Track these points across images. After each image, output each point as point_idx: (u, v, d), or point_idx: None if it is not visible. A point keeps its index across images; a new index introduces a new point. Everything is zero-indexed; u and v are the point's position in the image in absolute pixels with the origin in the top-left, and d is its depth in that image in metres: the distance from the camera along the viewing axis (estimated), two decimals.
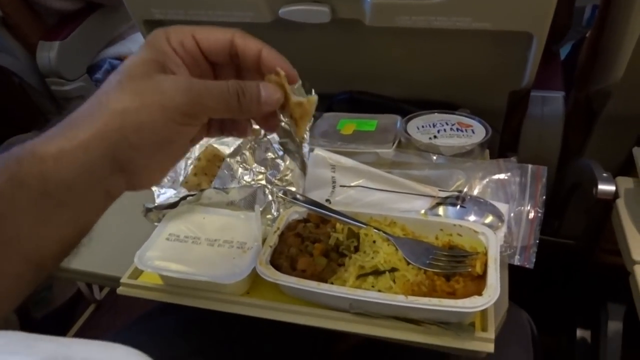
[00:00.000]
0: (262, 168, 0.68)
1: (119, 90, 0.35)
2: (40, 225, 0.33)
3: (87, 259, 0.62)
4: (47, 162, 0.32)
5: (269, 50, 0.40)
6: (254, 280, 0.55)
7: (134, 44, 1.49)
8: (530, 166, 0.64)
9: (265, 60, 0.40)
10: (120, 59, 1.47)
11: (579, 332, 1.01)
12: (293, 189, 0.65)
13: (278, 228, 0.56)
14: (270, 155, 0.69)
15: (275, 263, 0.52)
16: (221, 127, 0.44)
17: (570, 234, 1.05)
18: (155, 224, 0.62)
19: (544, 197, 0.61)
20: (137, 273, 0.58)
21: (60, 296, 1.51)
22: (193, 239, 0.58)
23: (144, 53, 0.37)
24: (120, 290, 0.57)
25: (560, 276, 1.07)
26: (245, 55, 0.40)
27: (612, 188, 0.67)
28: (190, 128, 0.37)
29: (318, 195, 0.63)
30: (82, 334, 1.51)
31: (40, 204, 0.32)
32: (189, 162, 0.72)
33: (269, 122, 0.44)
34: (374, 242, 0.54)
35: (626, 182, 0.68)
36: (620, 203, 0.66)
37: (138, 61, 0.36)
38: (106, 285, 0.63)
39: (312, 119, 0.45)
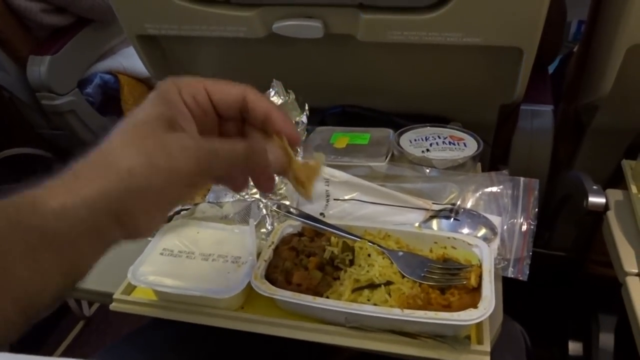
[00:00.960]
0: None
1: (126, 147, 0.34)
2: (34, 274, 0.32)
3: None
4: (47, 216, 0.31)
5: (277, 112, 0.41)
6: (249, 295, 0.54)
7: (126, 59, 1.49)
8: (522, 179, 0.64)
9: (273, 122, 0.41)
10: (112, 73, 1.47)
11: (571, 344, 1.01)
12: (287, 202, 0.65)
13: (272, 242, 0.56)
14: None
15: (270, 277, 0.52)
16: (217, 179, 0.43)
17: (560, 246, 1.06)
18: (149, 238, 0.62)
19: (537, 209, 0.61)
20: (131, 288, 0.57)
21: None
22: (187, 253, 0.58)
23: (154, 106, 0.37)
24: (113, 306, 0.56)
25: (552, 288, 1.08)
26: (254, 113, 0.40)
27: (602, 200, 0.68)
28: (195, 188, 0.38)
29: (312, 209, 0.63)
30: (71, 351, 1.48)
31: (37, 255, 0.31)
32: None
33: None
34: (369, 255, 0.54)
35: (616, 195, 0.69)
36: (611, 215, 0.66)
37: (147, 116, 0.36)
38: (98, 301, 0.62)
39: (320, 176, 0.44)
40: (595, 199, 0.68)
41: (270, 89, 0.65)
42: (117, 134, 0.35)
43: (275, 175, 0.42)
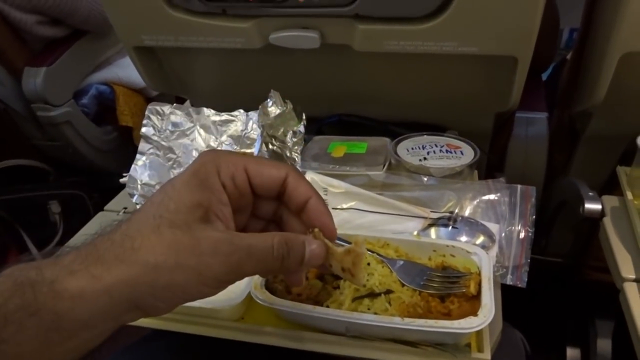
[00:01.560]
0: None
1: (155, 237, 0.33)
2: (44, 352, 0.31)
3: None
4: (65, 300, 0.30)
5: (317, 200, 0.39)
6: (249, 305, 0.54)
7: (121, 69, 1.49)
8: (519, 186, 0.65)
9: (311, 210, 0.39)
10: (107, 84, 1.47)
11: (569, 350, 1.02)
12: None
13: None
14: None
15: (270, 287, 0.52)
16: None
17: (557, 252, 1.07)
18: None
19: (534, 216, 0.62)
20: None
21: None
22: None
23: (191, 191, 0.34)
24: None
25: (550, 294, 1.08)
26: (292, 198, 0.39)
27: (598, 207, 0.68)
28: (221, 289, 0.36)
29: None
30: None
31: (50, 335, 0.31)
32: None
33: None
34: (369, 264, 0.54)
35: (612, 201, 0.70)
36: (608, 221, 0.67)
37: (182, 204, 0.34)
38: None
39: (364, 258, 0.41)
40: (592, 206, 0.68)
41: (268, 99, 0.65)
42: (148, 219, 0.33)
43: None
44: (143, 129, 0.70)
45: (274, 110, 0.64)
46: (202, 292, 0.34)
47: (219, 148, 0.71)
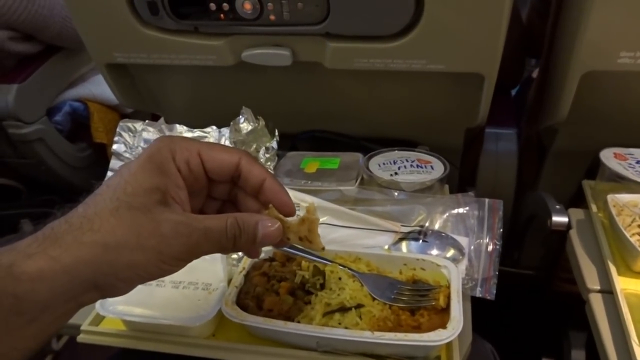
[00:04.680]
0: None
1: (114, 219, 0.33)
2: (4, 337, 0.31)
3: None
4: (23, 282, 0.31)
5: (271, 180, 0.41)
6: (220, 322, 0.54)
7: (96, 86, 1.47)
8: (487, 200, 0.66)
9: (267, 190, 0.41)
10: (81, 101, 1.45)
11: None
12: None
13: (244, 268, 0.56)
14: None
15: (241, 303, 0.52)
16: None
17: (529, 265, 1.08)
18: None
19: (501, 229, 0.63)
20: (99, 319, 0.56)
21: None
22: (157, 281, 0.57)
23: (148, 175, 0.35)
24: (81, 337, 0.55)
25: (523, 306, 1.10)
26: (247, 181, 0.40)
27: (565, 219, 0.70)
28: (179, 268, 0.37)
29: None
30: None
31: (10, 320, 0.31)
32: None
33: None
34: (340, 278, 0.55)
35: (578, 214, 0.71)
36: (574, 234, 0.68)
37: (140, 188, 0.35)
38: (66, 333, 0.61)
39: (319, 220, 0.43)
40: (559, 218, 0.70)
41: (240, 116, 0.65)
42: (105, 202, 0.34)
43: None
44: (114, 146, 0.70)
45: (245, 126, 0.64)
46: (162, 270, 0.35)
47: None
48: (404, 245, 0.62)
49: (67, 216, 0.34)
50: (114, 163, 0.70)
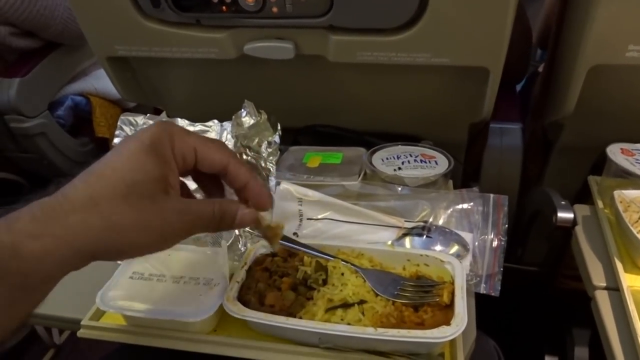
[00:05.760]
0: None
1: (125, 206, 0.36)
2: (7, 311, 0.33)
3: (47, 302, 0.59)
4: (29, 261, 0.32)
5: (254, 182, 0.44)
6: (221, 318, 0.53)
7: (97, 80, 1.47)
8: (491, 195, 0.65)
9: (248, 192, 0.44)
10: (83, 95, 1.45)
11: (547, 359, 1.02)
12: None
13: (245, 263, 0.56)
14: None
15: (243, 299, 0.52)
16: None
17: (533, 261, 1.07)
18: (119, 262, 0.60)
19: (506, 225, 0.62)
20: (99, 314, 0.56)
21: (12, 338, 1.43)
22: (158, 276, 0.57)
23: (150, 162, 0.37)
24: (81, 332, 0.55)
25: (526, 303, 1.09)
26: (232, 180, 0.44)
27: (570, 216, 0.69)
28: (173, 244, 0.40)
29: (285, 229, 0.63)
30: None
31: (15, 295, 0.32)
32: None
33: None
34: (342, 274, 0.54)
35: (583, 210, 0.71)
36: (579, 230, 0.68)
37: (145, 175, 0.37)
38: (67, 328, 0.60)
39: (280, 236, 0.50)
40: (564, 215, 0.69)
41: (242, 110, 0.65)
42: (114, 186, 0.36)
43: None
44: (115, 140, 0.69)
45: (247, 120, 0.63)
46: (160, 246, 0.39)
47: None
48: (407, 241, 0.62)
49: (67, 193, 0.35)
50: None
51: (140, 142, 0.38)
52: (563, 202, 0.71)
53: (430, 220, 0.64)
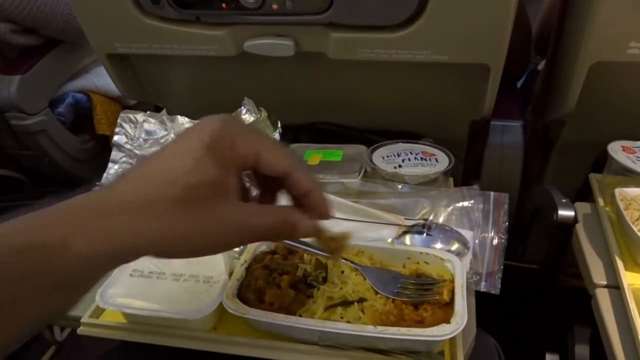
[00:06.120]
0: None
1: (177, 210, 0.33)
2: (48, 304, 0.32)
3: None
4: (75, 259, 0.31)
5: (317, 191, 0.40)
6: (221, 316, 0.53)
7: (98, 77, 1.47)
8: (492, 193, 0.65)
9: (310, 201, 0.40)
10: (84, 92, 1.45)
11: (548, 357, 1.02)
12: None
13: (245, 261, 0.56)
14: None
15: (242, 297, 0.51)
16: None
17: (534, 259, 1.07)
18: None
19: (507, 223, 0.62)
20: (99, 312, 0.56)
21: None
22: (158, 274, 0.57)
23: (207, 164, 0.34)
24: (81, 330, 0.55)
25: (527, 301, 1.09)
26: (292, 188, 0.40)
27: (571, 213, 0.69)
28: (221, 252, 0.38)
29: None
30: None
31: (57, 291, 0.31)
32: None
33: None
34: (342, 272, 0.54)
35: (584, 207, 0.70)
36: (580, 228, 0.67)
37: (202, 180, 0.34)
38: (68, 325, 0.61)
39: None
40: (565, 212, 0.69)
41: (242, 107, 0.65)
42: (167, 188, 0.33)
43: None
44: (115, 137, 0.69)
45: (247, 118, 0.64)
46: (207, 255, 0.37)
47: None
48: (407, 239, 0.62)
49: (117, 189, 0.33)
50: (115, 154, 0.69)
51: (200, 140, 0.35)
52: (564, 200, 0.71)
53: (431, 218, 0.64)
